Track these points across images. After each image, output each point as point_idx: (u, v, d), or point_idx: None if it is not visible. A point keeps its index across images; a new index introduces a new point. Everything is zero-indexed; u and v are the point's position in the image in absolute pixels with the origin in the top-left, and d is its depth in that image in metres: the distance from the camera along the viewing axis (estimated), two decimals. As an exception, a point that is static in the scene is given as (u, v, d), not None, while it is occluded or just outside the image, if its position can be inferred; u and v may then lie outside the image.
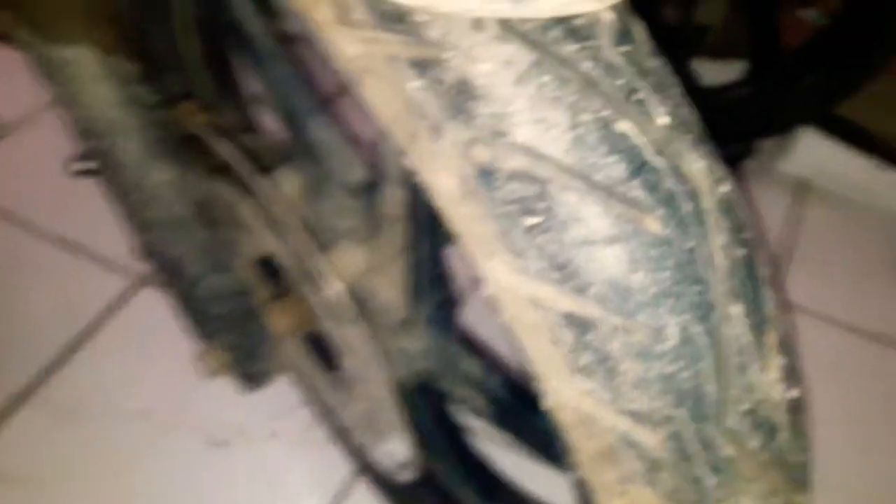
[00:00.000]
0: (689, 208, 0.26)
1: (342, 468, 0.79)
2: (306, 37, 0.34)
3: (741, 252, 0.27)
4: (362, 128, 1.06)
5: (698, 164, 0.27)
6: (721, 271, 0.26)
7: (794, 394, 0.28)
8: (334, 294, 0.49)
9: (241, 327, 0.52)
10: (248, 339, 0.52)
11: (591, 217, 0.25)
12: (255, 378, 0.53)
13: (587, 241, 0.25)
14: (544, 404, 0.28)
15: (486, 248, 0.27)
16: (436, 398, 0.55)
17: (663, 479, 0.26)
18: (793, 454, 0.27)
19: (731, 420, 0.26)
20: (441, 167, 0.28)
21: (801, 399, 0.28)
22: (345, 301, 0.49)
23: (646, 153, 0.26)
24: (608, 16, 0.27)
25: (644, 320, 0.25)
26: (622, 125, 0.26)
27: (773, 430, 0.27)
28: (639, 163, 0.25)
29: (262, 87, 0.56)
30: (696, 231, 0.26)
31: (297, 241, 0.50)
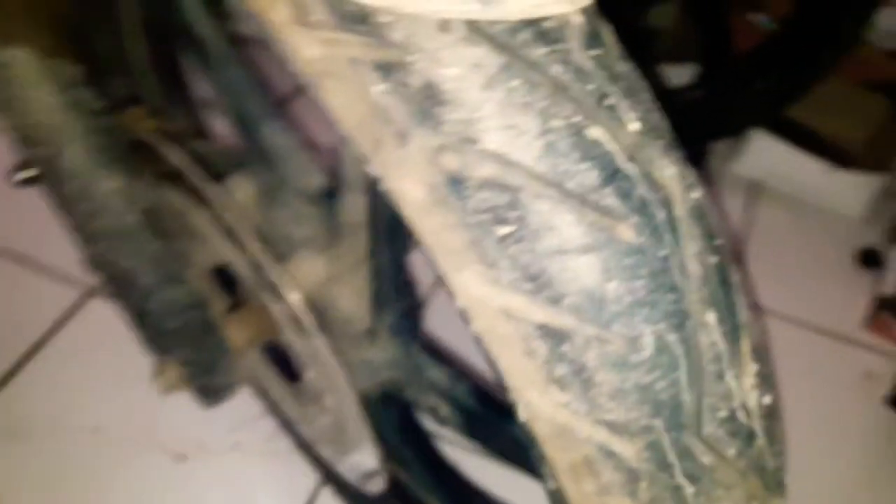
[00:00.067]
0: (662, 216, 0.25)
1: (308, 479, 0.77)
2: (260, 38, 0.33)
3: (714, 259, 0.27)
4: (319, 132, 1.05)
5: (670, 171, 0.26)
6: (695, 279, 0.26)
7: (768, 399, 0.28)
8: (293, 305, 0.48)
9: (198, 341, 0.50)
10: (205, 353, 0.50)
11: (564, 226, 0.25)
12: (215, 392, 0.51)
13: (561, 251, 0.25)
14: (518, 416, 0.28)
15: (457, 258, 0.26)
16: (402, 408, 0.54)
17: (642, 489, 0.26)
18: (770, 459, 0.27)
19: (708, 428, 0.26)
20: (408, 175, 0.27)
21: (776, 404, 0.28)
22: (304, 312, 0.48)
23: (618, 160, 0.25)
24: (577, 19, 0.26)
25: (619, 330, 0.25)
26: (594, 131, 0.25)
27: (751, 436, 0.27)
28: (611, 170, 0.25)
29: (213, 91, 0.55)
30: (669, 239, 0.25)
31: (253, 250, 0.49)
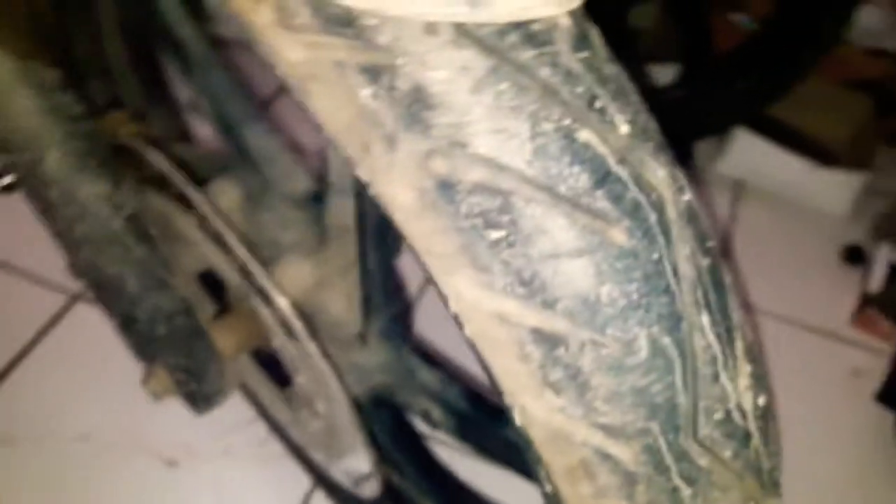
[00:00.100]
0: (654, 219, 0.25)
1: (300, 484, 0.76)
2: (242, 41, 0.32)
3: (706, 261, 0.27)
4: (304, 134, 1.04)
5: (661, 173, 0.26)
6: (687, 281, 0.26)
7: (763, 400, 0.28)
8: (281, 309, 0.47)
9: (186, 347, 0.49)
10: (193, 359, 0.49)
11: (556, 229, 0.25)
12: (205, 399, 0.50)
13: (553, 255, 0.25)
14: (513, 421, 0.28)
15: (449, 263, 0.26)
16: (394, 412, 0.53)
17: (639, 492, 0.26)
18: (765, 460, 0.27)
19: (704, 430, 0.26)
20: (397, 180, 0.26)
21: (771, 404, 0.28)
22: (293, 317, 0.47)
23: (609, 163, 0.25)
24: (566, 21, 0.26)
25: (614, 333, 0.25)
26: (584, 134, 0.25)
27: (746, 437, 0.27)
28: (602, 173, 0.25)
29: (195, 94, 0.54)
30: (661, 241, 0.25)
31: (239, 255, 0.48)
